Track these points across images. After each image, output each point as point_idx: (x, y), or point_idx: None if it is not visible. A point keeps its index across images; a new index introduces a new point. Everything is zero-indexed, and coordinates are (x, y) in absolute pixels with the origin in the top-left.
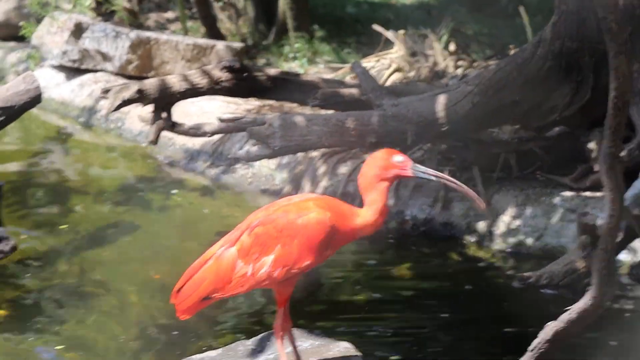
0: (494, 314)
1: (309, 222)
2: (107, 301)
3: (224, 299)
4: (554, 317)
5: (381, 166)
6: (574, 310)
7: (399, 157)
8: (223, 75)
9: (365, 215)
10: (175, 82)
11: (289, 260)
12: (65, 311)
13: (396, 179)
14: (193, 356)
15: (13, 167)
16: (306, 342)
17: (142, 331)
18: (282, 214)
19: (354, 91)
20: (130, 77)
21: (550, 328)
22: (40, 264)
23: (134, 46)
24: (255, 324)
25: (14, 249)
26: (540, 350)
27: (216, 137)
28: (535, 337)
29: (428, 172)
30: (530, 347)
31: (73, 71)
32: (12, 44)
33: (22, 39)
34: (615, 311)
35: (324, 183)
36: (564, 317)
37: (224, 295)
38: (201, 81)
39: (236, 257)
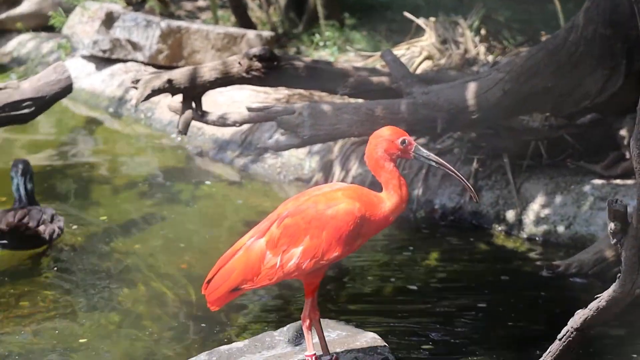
0: (523, 303)
1: (337, 213)
2: (136, 292)
3: (253, 290)
4: (584, 306)
5: (385, 148)
6: (603, 298)
7: (402, 140)
8: (253, 64)
9: (389, 199)
10: (205, 72)
11: (318, 251)
12: (93, 302)
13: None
14: (220, 347)
15: (43, 157)
16: (333, 332)
17: (170, 322)
18: (311, 204)
19: (384, 79)
20: (160, 67)
21: (580, 316)
22: (70, 255)
23: (165, 35)
24: (283, 314)
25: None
26: (569, 339)
27: (245, 126)
28: (564, 325)
29: (429, 157)
30: (560, 336)
31: (104, 61)
32: (43, 34)
33: (53, 29)
34: None
35: (353, 172)
36: (593, 305)
37: (253, 286)
38: (231, 70)
39: (265, 248)
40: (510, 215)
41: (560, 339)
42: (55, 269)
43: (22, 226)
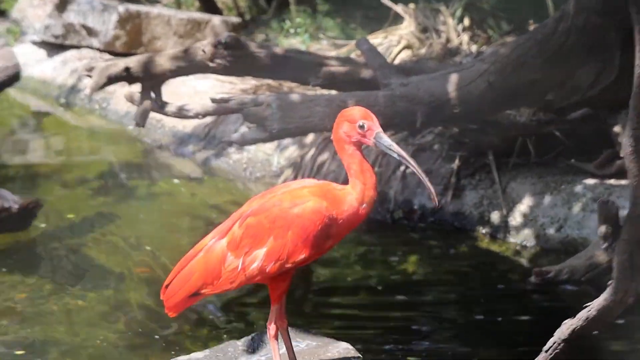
0: (509, 312)
1: (304, 212)
2: (88, 298)
3: (215, 295)
4: (574, 315)
5: (345, 130)
6: (593, 308)
7: (363, 123)
8: (218, 52)
9: (354, 188)
10: (166, 59)
11: (283, 253)
12: (40, 309)
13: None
14: (178, 358)
15: None
16: (302, 342)
17: (125, 331)
18: (276, 203)
19: (360, 70)
20: (117, 54)
21: (567, 327)
22: (16, 257)
23: (123, 21)
24: (248, 322)
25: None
26: (556, 351)
27: (208, 119)
28: (551, 336)
29: (391, 148)
30: (546, 347)
31: (56, 47)
32: None
33: (2, 14)
34: None
35: (326, 168)
36: (582, 315)
37: (214, 290)
38: (194, 58)
39: (226, 250)
40: (496, 217)
41: (546, 351)
42: None
43: None
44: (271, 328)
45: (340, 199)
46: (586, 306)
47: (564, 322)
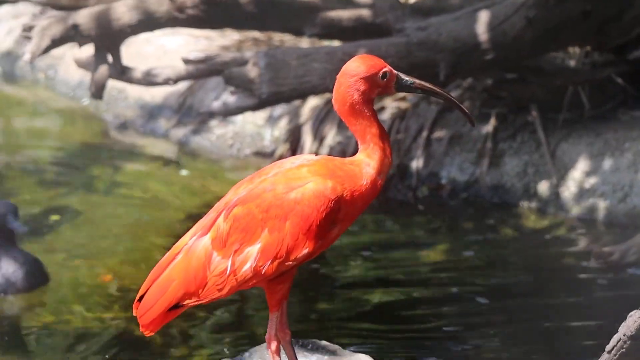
0: (564, 304)
1: (303, 197)
2: (44, 312)
3: (200, 305)
4: None
5: (365, 90)
6: None
7: (383, 73)
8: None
9: (372, 156)
10: (123, 12)
11: (281, 249)
12: None
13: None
14: None
15: None
16: (312, 355)
17: (92, 353)
18: (268, 187)
19: (366, 12)
20: (63, 9)
21: (634, 320)
22: None
23: None
24: (242, 335)
25: None
26: (621, 351)
27: (182, 85)
28: (614, 332)
29: (414, 84)
30: (608, 347)
31: None
32: None
33: None
34: None
35: (330, 140)
36: None
37: (199, 301)
38: (158, 9)
39: (211, 249)
40: (544, 188)
41: (609, 351)
42: None
43: None
44: (272, 341)
45: (353, 173)
46: None
47: (630, 314)
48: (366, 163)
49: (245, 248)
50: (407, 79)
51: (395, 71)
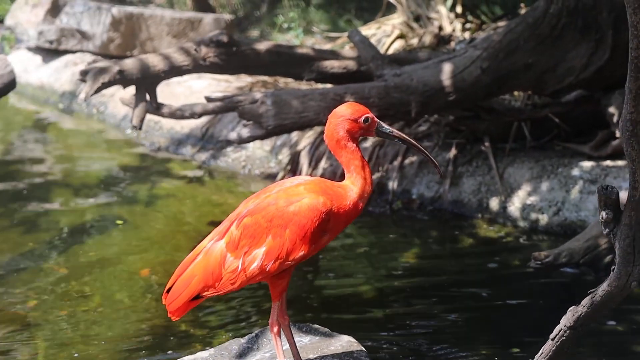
0: (511, 298)
1: (300, 209)
2: (93, 300)
3: (218, 296)
4: (576, 300)
5: (346, 128)
6: (597, 294)
7: (364, 118)
8: (210, 51)
9: (355, 184)
10: (159, 61)
11: (282, 251)
12: (47, 310)
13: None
14: (184, 358)
15: None
16: (305, 337)
17: (130, 332)
18: (272, 201)
19: (353, 62)
20: (112, 57)
21: (572, 313)
22: (22, 264)
23: (116, 22)
24: (252, 320)
25: None
26: (562, 338)
27: (205, 119)
28: (556, 322)
29: (392, 133)
30: (552, 335)
31: (51, 53)
32: None
33: None
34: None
35: (323, 163)
36: (587, 301)
37: (216, 292)
38: (186, 58)
39: (225, 251)
40: (494, 203)
41: (552, 339)
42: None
43: None
44: (273, 325)
45: (340, 194)
46: (590, 292)
47: (569, 309)
48: (350, 188)
49: (253, 250)
50: (387, 127)
51: (377, 119)
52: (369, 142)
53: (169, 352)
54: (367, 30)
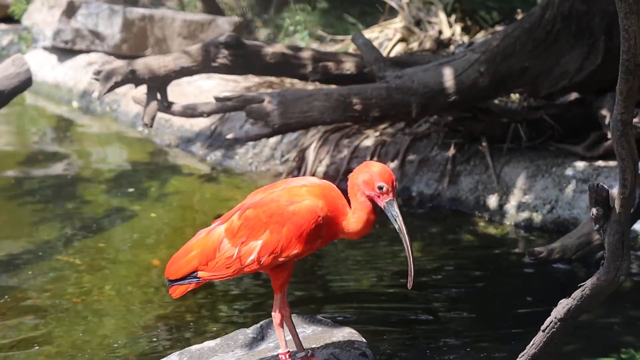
0: (506, 292)
1: (299, 210)
2: (104, 290)
3: (223, 286)
4: (568, 294)
5: (364, 182)
6: (587, 287)
7: (382, 185)
8: (219, 52)
9: (349, 224)
10: (169, 61)
11: (277, 247)
12: (58, 299)
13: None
14: (191, 347)
15: (6, 153)
16: (308, 328)
17: (139, 321)
18: (274, 198)
19: (356, 64)
20: (125, 57)
21: (563, 306)
22: (38, 254)
23: (128, 24)
24: (258, 311)
25: None
26: (553, 330)
27: (214, 117)
28: (547, 314)
29: (396, 219)
30: (543, 327)
31: (66, 52)
32: (2, 25)
33: (12, 20)
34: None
35: (327, 161)
36: (577, 294)
37: (212, 275)
38: (196, 59)
39: (223, 235)
40: (491, 200)
41: (543, 330)
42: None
43: None
44: (276, 316)
45: (338, 210)
46: (580, 286)
47: (560, 302)
48: (346, 218)
49: (250, 242)
50: (396, 211)
51: (390, 197)
52: (370, 141)
53: (177, 341)
54: (370, 34)
